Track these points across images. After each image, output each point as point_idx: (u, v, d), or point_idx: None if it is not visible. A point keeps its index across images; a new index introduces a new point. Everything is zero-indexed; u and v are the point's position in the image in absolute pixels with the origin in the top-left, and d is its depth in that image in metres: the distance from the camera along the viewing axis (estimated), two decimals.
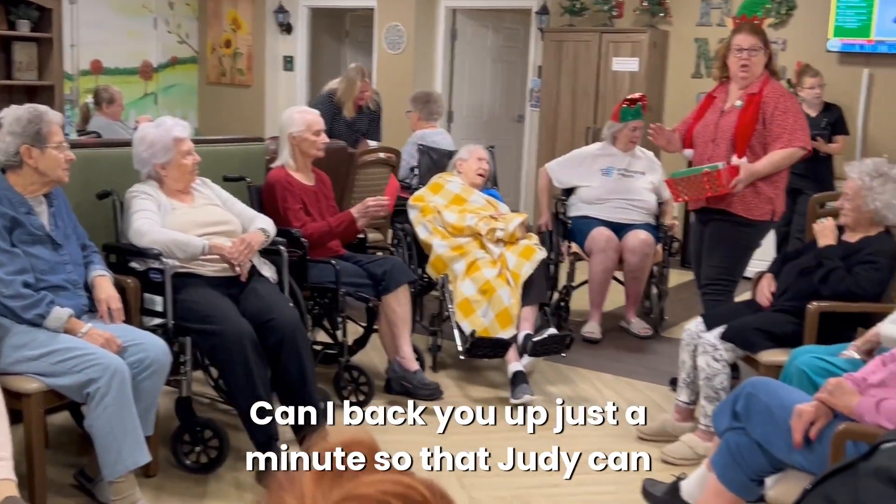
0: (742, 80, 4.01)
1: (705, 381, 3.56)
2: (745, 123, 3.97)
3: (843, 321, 3.44)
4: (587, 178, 5.39)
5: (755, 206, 4.01)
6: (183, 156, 3.48)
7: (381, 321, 4.13)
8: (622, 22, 7.74)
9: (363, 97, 6.07)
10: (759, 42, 3.99)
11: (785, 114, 3.95)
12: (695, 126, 4.18)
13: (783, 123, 3.93)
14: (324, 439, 0.77)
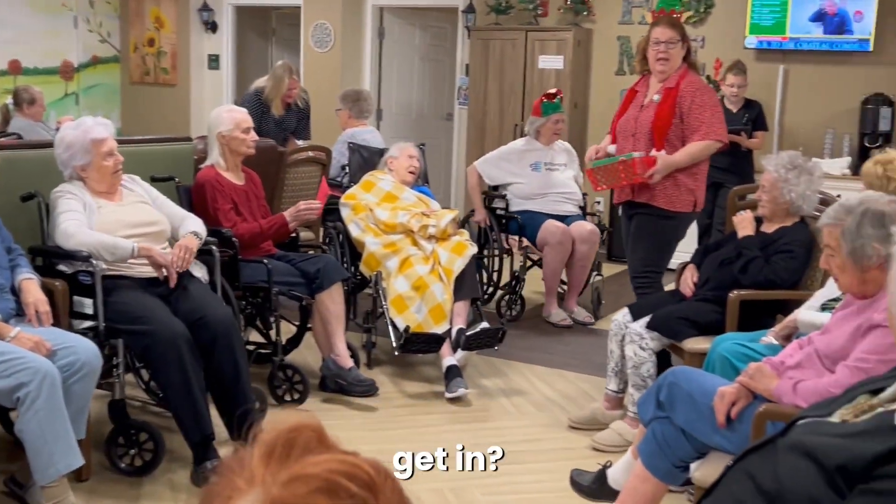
0: (660, 73, 4.10)
1: (633, 370, 3.66)
2: (662, 117, 4.05)
3: (763, 309, 3.57)
4: (518, 174, 5.56)
5: (677, 198, 4.10)
6: (103, 157, 3.41)
7: (315, 319, 4.14)
8: (547, 20, 7.86)
9: (291, 95, 6.06)
10: (676, 35, 4.07)
11: (702, 108, 4.03)
12: (618, 121, 4.28)
13: (700, 117, 4.02)
14: (270, 424, 0.80)
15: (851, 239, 2.37)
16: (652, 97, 4.14)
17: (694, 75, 4.16)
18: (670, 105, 4.05)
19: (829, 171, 6.41)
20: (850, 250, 2.36)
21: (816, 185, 3.62)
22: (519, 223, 5.47)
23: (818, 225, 2.63)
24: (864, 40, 6.67)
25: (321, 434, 0.81)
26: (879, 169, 3.10)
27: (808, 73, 7.02)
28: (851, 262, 2.37)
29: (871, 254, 2.33)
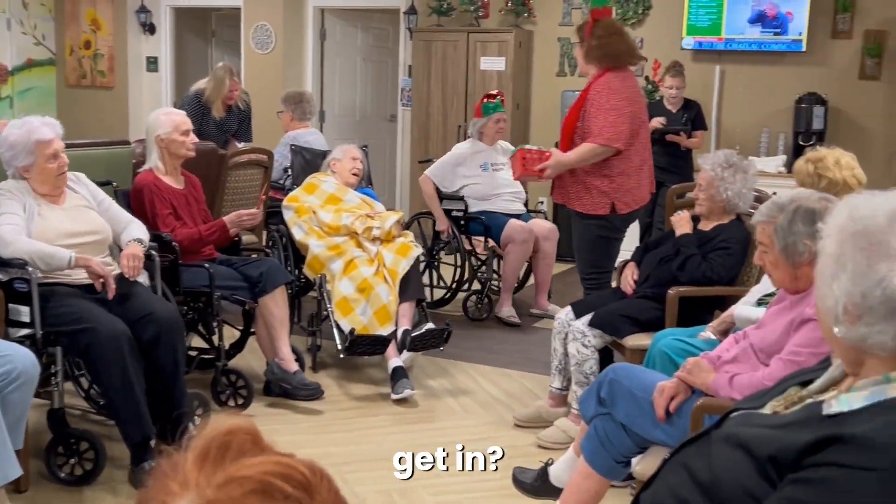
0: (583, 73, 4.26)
1: (576, 367, 3.71)
2: (569, 118, 4.13)
3: (701, 305, 3.65)
4: (470, 176, 5.62)
5: (587, 200, 4.12)
6: (47, 159, 3.35)
7: (259, 323, 4.12)
8: (488, 22, 7.91)
9: (232, 96, 6.01)
10: (575, 37, 4.25)
11: (598, 111, 4.03)
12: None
13: (595, 120, 4.02)
14: (205, 427, 0.80)
15: (783, 236, 2.43)
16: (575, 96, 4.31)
17: (609, 77, 4.09)
18: (578, 106, 4.11)
19: (765, 170, 6.56)
20: (783, 247, 2.42)
21: (751, 183, 3.70)
22: (484, 223, 5.50)
23: (752, 222, 2.70)
24: (796, 41, 6.85)
25: (256, 437, 0.81)
26: (810, 167, 3.19)
27: (743, 74, 7.18)
28: (784, 259, 2.44)
29: (803, 250, 2.40)
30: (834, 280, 1.34)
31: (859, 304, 1.31)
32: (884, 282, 1.28)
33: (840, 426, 1.32)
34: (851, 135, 6.83)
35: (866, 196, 1.39)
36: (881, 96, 6.75)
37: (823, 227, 1.41)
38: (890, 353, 1.32)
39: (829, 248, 1.37)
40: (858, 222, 1.34)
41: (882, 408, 1.31)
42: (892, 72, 6.63)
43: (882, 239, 1.30)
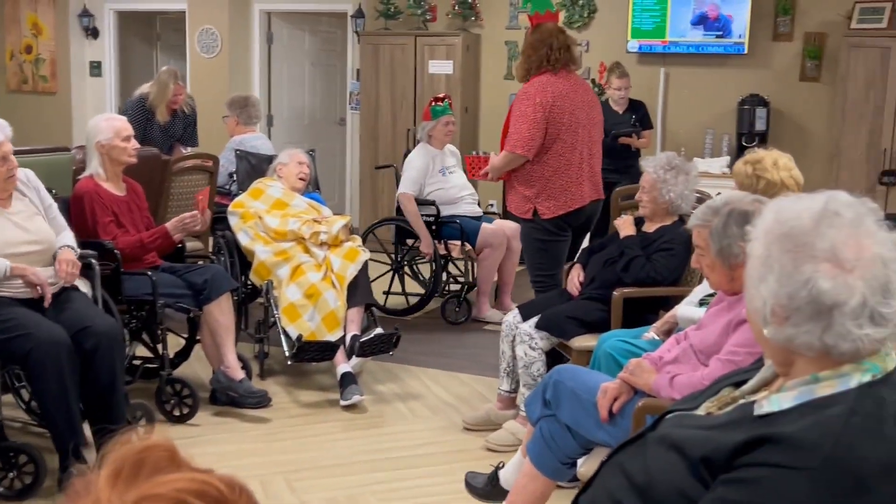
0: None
1: (524, 370, 3.72)
2: (506, 123, 4.29)
3: (645, 306, 3.68)
4: (438, 181, 5.61)
5: (517, 205, 4.30)
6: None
7: (204, 331, 4.06)
8: (436, 25, 7.92)
9: (177, 101, 5.93)
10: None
11: (513, 118, 4.18)
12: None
13: (511, 127, 4.19)
14: (119, 444, 0.79)
15: (718, 239, 2.46)
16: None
17: (534, 82, 4.18)
18: (509, 112, 4.29)
19: (709, 171, 6.66)
20: (718, 250, 2.45)
21: (693, 185, 3.75)
22: (460, 227, 5.49)
23: (687, 226, 2.73)
24: (738, 43, 6.95)
25: (173, 453, 0.79)
26: (749, 168, 3.23)
27: (687, 76, 7.27)
28: (720, 262, 2.47)
29: (738, 252, 2.43)
30: (761, 282, 1.36)
31: (786, 305, 1.33)
32: (809, 283, 1.30)
33: (770, 426, 1.33)
34: (793, 135, 6.97)
35: (792, 199, 1.41)
36: (821, 97, 6.89)
37: (751, 230, 1.42)
38: (817, 353, 1.34)
39: (757, 251, 1.39)
40: (784, 224, 1.36)
41: (810, 407, 1.33)
42: (831, 73, 6.77)
43: (807, 241, 1.32)
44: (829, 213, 1.34)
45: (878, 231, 1.33)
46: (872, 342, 1.30)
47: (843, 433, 1.28)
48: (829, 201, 1.35)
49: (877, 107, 6.39)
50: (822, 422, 1.30)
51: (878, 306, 1.29)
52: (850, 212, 1.34)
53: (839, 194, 1.37)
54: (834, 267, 1.30)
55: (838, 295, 1.29)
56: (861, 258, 1.30)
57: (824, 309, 1.30)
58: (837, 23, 6.73)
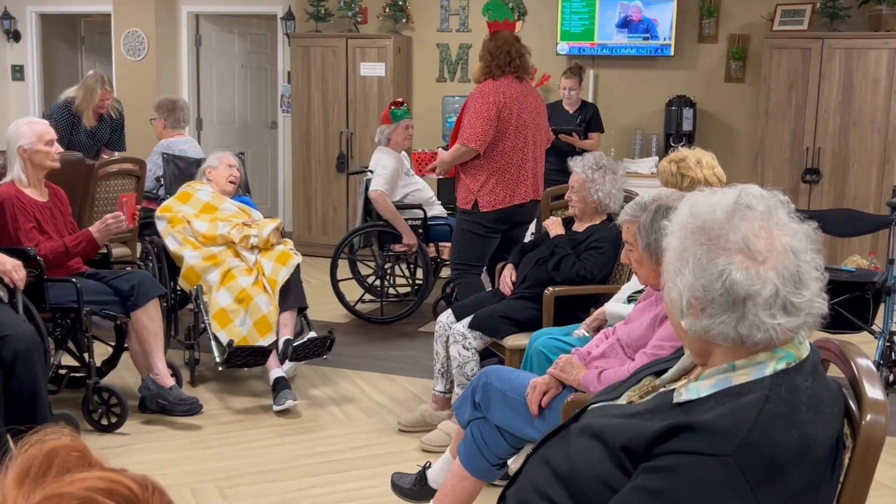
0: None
1: (458, 370, 3.73)
2: (458, 120, 4.54)
3: (576, 303, 3.72)
4: (408, 184, 5.60)
5: (461, 196, 4.56)
6: None
7: (132, 338, 3.98)
8: (367, 28, 7.90)
9: (104, 105, 5.81)
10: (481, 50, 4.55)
11: (467, 114, 4.45)
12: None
13: (464, 122, 4.45)
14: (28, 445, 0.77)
15: (646, 234, 2.50)
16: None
17: (487, 83, 4.46)
18: (462, 110, 4.51)
19: (638, 171, 6.78)
20: (646, 245, 2.49)
21: (621, 184, 3.81)
22: (451, 228, 5.37)
23: (617, 223, 2.77)
24: (664, 45, 7.09)
25: (84, 453, 0.78)
26: (673, 167, 3.30)
27: (616, 78, 7.39)
28: (647, 256, 2.51)
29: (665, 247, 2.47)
30: (678, 275, 1.39)
31: (701, 297, 1.36)
32: (723, 275, 1.33)
33: (688, 414, 1.36)
34: (719, 135, 7.13)
35: (706, 193, 1.44)
36: (745, 98, 7.06)
37: (668, 225, 1.45)
38: (733, 343, 1.37)
39: (673, 244, 1.42)
40: (698, 218, 1.39)
41: (727, 394, 1.36)
42: (755, 74, 6.94)
43: (720, 233, 1.35)
44: (741, 205, 1.37)
45: (790, 222, 1.37)
46: (785, 331, 1.34)
47: (757, 420, 1.31)
48: (742, 194, 1.39)
49: (798, 106, 6.57)
50: (738, 409, 1.33)
51: (790, 296, 1.32)
52: (761, 204, 1.37)
53: (751, 188, 1.41)
54: (746, 258, 1.33)
55: (751, 286, 1.32)
56: (773, 249, 1.34)
57: (738, 300, 1.33)
58: (760, 25, 6.90)
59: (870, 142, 6.45)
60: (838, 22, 6.60)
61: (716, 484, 1.29)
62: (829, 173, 6.56)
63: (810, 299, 1.34)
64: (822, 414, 1.35)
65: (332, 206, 7.93)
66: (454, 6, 7.77)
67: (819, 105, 6.52)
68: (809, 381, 1.36)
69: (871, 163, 6.47)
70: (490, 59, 4.45)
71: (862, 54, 6.39)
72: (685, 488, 1.30)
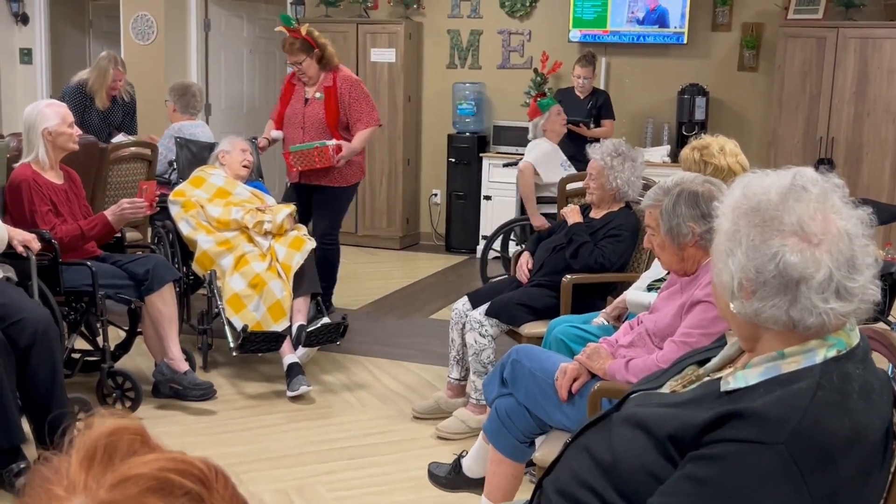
0: (305, 84, 5.04)
1: (474, 357, 3.71)
2: (331, 113, 4.97)
3: (595, 291, 3.70)
4: (555, 170, 5.44)
5: (350, 174, 5.13)
6: None
7: (146, 323, 3.96)
8: (378, 13, 7.84)
9: (116, 87, 5.80)
10: (301, 56, 4.93)
11: (358, 100, 4.98)
12: (284, 111, 5.12)
13: (359, 108, 4.98)
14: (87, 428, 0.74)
15: (668, 218, 2.48)
16: (314, 95, 5.02)
17: (345, 70, 5.08)
18: (334, 101, 4.97)
19: (650, 159, 6.72)
20: (668, 229, 2.47)
21: (640, 171, 3.78)
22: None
23: (640, 207, 2.74)
24: (678, 33, 7.03)
25: (144, 436, 0.76)
26: (696, 154, 3.26)
27: (628, 66, 7.34)
28: (670, 240, 2.48)
29: (686, 232, 2.45)
30: (729, 256, 1.36)
31: (753, 279, 1.33)
32: (777, 256, 1.30)
33: (737, 402, 1.33)
34: (731, 124, 7.08)
35: (759, 175, 1.41)
36: (759, 87, 7.01)
37: (718, 206, 1.42)
38: (783, 328, 1.34)
39: (725, 226, 1.39)
40: (752, 199, 1.36)
41: (777, 382, 1.33)
42: (768, 62, 6.89)
43: (774, 215, 1.33)
44: (796, 188, 1.34)
45: (844, 207, 1.34)
46: (838, 316, 1.31)
47: (809, 407, 1.28)
48: (797, 176, 1.36)
49: (812, 96, 6.52)
50: (789, 396, 1.30)
51: (844, 280, 1.30)
52: (816, 187, 1.35)
53: (806, 170, 1.38)
54: (801, 241, 1.31)
55: (805, 268, 1.29)
56: (828, 232, 1.31)
57: (791, 283, 1.30)
58: (774, 13, 6.85)
59: (884, 132, 6.41)
60: (853, 11, 6.55)
61: (767, 472, 1.26)
62: (843, 163, 6.52)
63: (864, 285, 1.31)
64: (873, 402, 1.33)
65: None
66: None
67: (833, 95, 6.47)
68: (860, 368, 1.34)
69: (886, 153, 6.42)
70: (331, 48, 5.05)
71: (878, 44, 6.34)
72: (735, 476, 1.28)
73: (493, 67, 7.73)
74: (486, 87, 7.67)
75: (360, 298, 5.97)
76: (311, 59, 4.96)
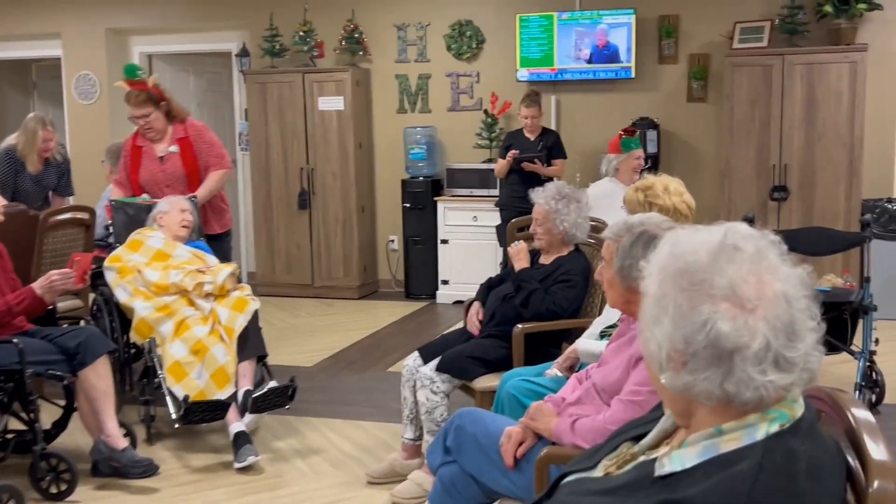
0: (151, 139, 4.87)
1: (426, 416, 3.55)
2: (190, 164, 4.87)
3: (548, 340, 3.56)
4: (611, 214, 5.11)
5: (223, 220, 5.06)
6: None
7: (80, 399, 3.75)
8: (324, 62, 7.75)
9: (48, 148, 5.62)
10: (149, 109, 4.78)
11: (210, 145, 4.93)
12: (137, 176, 4.91)
13: (210, 153, 4.91)
14: None
15: (622, 257, 2.36)
16: (168, 149, 4.88)
17: (192, 121, 5.00)
18: (191, 151, 4.88)
19: None
20: (619, 267, 2.35)
21: (586, 212, 3.67)
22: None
23: (601, 236, 2.63)
24: (625, 68, 7.00)
25: None
26: (640, 195, 3.15)
27: (578, 102, 7.29)
28: (619, 279, 2.36)
29: (636, 275, 2.32)
30: (656, 324, 1.23)
31: (682, 350, 1.19)
32: (707, 325, 1.17)
33: (673, 490, 1.19)
34: (684, 156, 7.04)
35: (689, 231, 1.28)
36: (709, 117, 6.98)
37: (646, 266, 1.29)
38: (718, 402, 1.21)
39: (651, 289, 1.26)
40: (679, 259, 1.23)
41: (715, 465, 1.20)
42: (717, 92, 6.87)
43: (704, 278, 1.20)
44: (727, 247, 1.21)
45: (782, 266, 1.22)
46: (777, 389, 1.18)
47: (751, 493, 1.14)
48: (729, 234, 1.23)
49: (762, 124, 6.50)
50: (728, 481, 1.16)
51: (783, 350, 1.17)
52: (750, 245, 1.22)
53: (738, 226, 1.25)
54: (734, 307, 1.17)
55: (739, 338, 1.16)
56: (763, 297, 1.18)
57: (724, 354, 1.17)
58: (720, 43, 6.84)
59: (836, 156, 6.38)
60: (798, 37, 6.55)
61: None
62: (797, 189, 6.48)
63: (805, 353, 1.18)
64: (822, 480, 1.19)
65: (295, 244, 7.74)
66: (411, 36, 7.65)
67: (783, 121, 6.45)
68: (807, 443, 1.20)
69: (839, 177, 6.39)
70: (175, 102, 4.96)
71: (823, 69, 6.34)
72: None
73: (443, 110, 7.64)
74: (438, 131, 7.58)
75: (317, 354, 5.79)
76: (159, 111, 4.82)
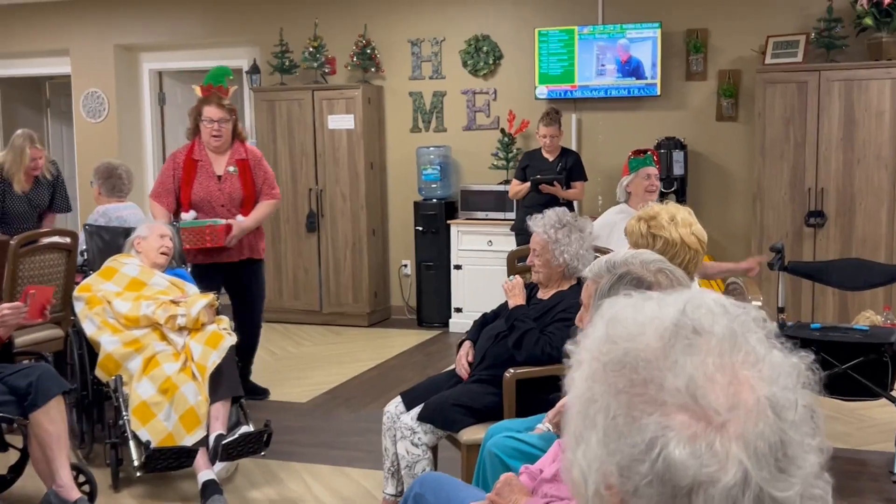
0: (216, 148, 4.72)
1: (406, 471, 3.17)
2: (249, 187, 4.77)
3: (543, 386, 3.16)
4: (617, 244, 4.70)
5: (262, 246, 4.98)
6: None
7: (32, 444, 3.43)
8: (335, 78, 7.44)
9: (37, 166, 5.39)
10: (225, 114, 4.70)
11: (266, 173, 4.86)
12: (191, 191, 4.71)
13: (265, 181, 4.84)
14: None
15: (600, 299, 1.97)
16: (227, 169, 4.74)
17: (250, 145, 4.93)
18: (250, 174, 4.78)
19: None
20: None
21: (589, 242, 3.28)
22: None
23: (582, 275, 2.26)
24: (651, 84, 6.59)
25: None
26: (643, 226, 2.75)
27: (601, 120, 6.89)
28: None
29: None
30: (580, 442, 0.83)
31: (617, 485, 0.80)
32: (654, 447, 0.78)
33: None
34: (713, 178, 6.61)
35: (636, 300, 0.89)
36: (739, 137, 6.54)
37: (574, 350, 0.91)
38: None
39: (577, 386, 0.87)
40: (618, 345, 0.84)
41: None
42: (748, 111, 6.43)
43: (650, 376, 0.80)
44: (684, 329, 0.82)
45: (767, 356, 0.81)
46: None
47: None
48: (687, 308, 0.84)
49: (797, 144, 6.05)
50: None
51: (769, 486, 0.76)
52: (719, 326, 0.82)
53: (703, 296, 0.86)
54: (694, 420, 0.77)
55: (702, 468, 0.76)
56: (739, 405, 0.78)
57: (680, 493, 0.77)
58: (751, 59, 6.41)
59: (877, 179, 5.91)
60: (835, 52, 6.10)
61: None
62: (835, 215, 6.01)
63: (804, 486, 0.78)
64: None
65: (303, 267, 7.41)
66: (426, 52, 7.31)
67: (819, 141, 5.99)
68: None
69: (881, 201, 5.91)
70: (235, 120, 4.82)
71: (863, 85, 5.88)
72: None
73: (458, 129, 7.28)
74: (452, 150, 7.22)
75: (314, 388, 5.43)
76: (231, 123, 4.78)
